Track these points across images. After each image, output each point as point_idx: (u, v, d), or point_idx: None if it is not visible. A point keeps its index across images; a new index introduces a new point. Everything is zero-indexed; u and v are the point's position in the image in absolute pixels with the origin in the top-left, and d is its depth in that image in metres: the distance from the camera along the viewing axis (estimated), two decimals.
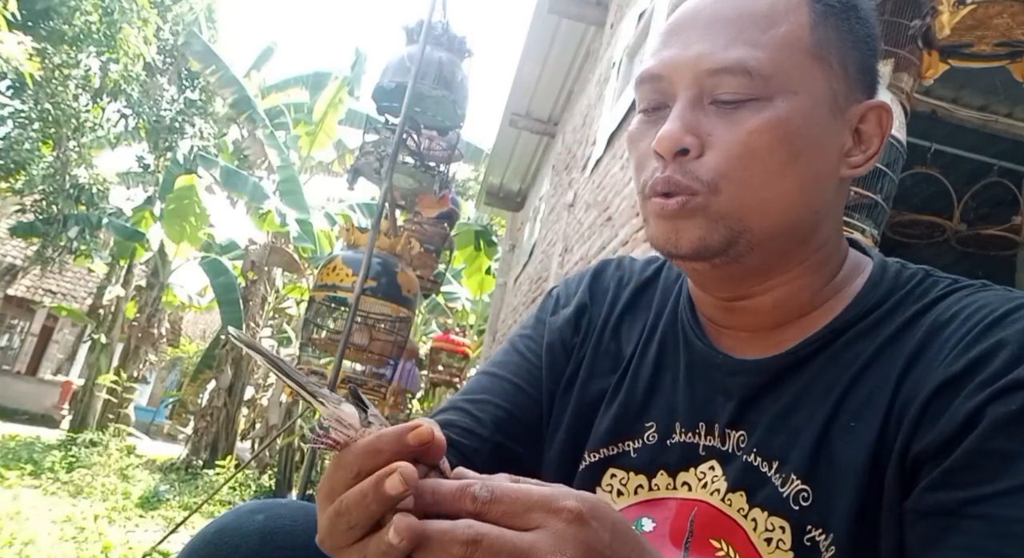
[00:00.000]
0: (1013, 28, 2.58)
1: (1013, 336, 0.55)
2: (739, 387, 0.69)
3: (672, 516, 0.68)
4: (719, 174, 0.62)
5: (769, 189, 0.63)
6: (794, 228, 0.66)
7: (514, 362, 0.83)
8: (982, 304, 0.60)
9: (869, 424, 0.60)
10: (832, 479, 0.60)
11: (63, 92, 9.30)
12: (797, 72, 0.63)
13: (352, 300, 3.39)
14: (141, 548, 4.63)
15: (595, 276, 0.88)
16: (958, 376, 0.55)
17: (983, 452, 0.51)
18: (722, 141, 0.63)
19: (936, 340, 0.60)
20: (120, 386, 11.32)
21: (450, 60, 3.77)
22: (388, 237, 3.84)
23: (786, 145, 0.63)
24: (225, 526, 0.66)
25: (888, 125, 0.68)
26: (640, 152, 0.69)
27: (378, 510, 0.44)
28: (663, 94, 0.67)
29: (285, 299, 11.97)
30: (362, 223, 9.56)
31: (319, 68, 12.54)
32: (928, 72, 2.81)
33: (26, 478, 6.65)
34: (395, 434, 0.46)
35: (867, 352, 0.64)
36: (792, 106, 0.63)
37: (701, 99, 0.64)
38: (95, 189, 10.65)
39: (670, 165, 0.64)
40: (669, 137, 0.63)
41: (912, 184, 3.81)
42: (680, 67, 0.65)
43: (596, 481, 0.74)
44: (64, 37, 9.10)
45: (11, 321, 16.46)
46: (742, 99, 0.63)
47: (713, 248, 0.63)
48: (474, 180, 14.69)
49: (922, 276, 0.68)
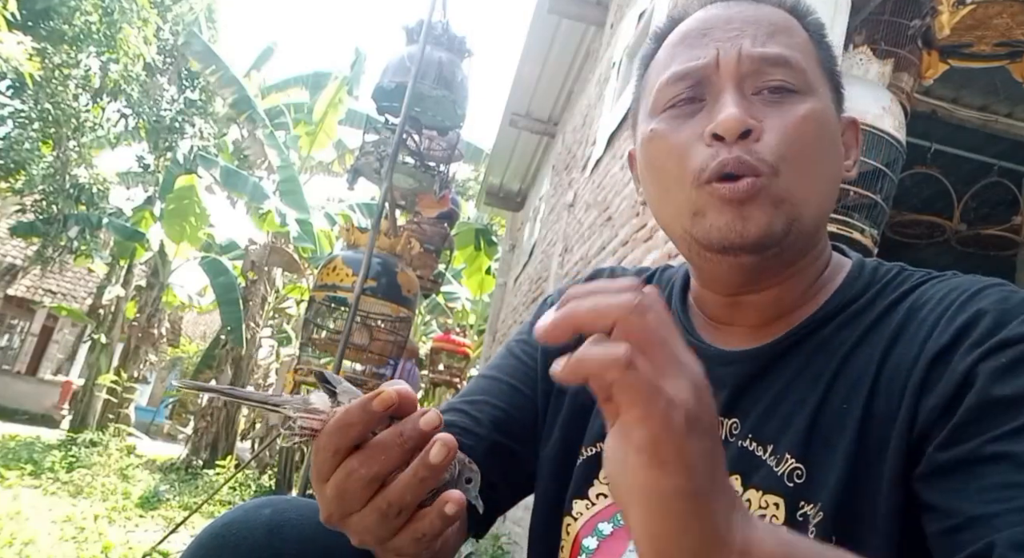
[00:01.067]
0: (1013, 28, 2.58)
1: (991, 305, 0.59)
2: (732, 376, 0.70)
3: None
4: (779, 156, 0.64)
5: (816, 178, 0.67)
6: (822, 221, 0.70)
7: (510, 365, 0.86)
8: (954, 286, 0.64)
9: (857, 404, 0.62)
10: (824, 456, 0.62)
11: (63, 92, 9.30)
12: (815, 77, 0.68)
13: (352, 300, 3.39)
14: (141, 548, 4.63)
15: (591, 276, 0.90)
16: (948, 345, 0.58)
17: (984, 404, 0.53)
18: (776, 126, 0.65)
19: (914, 321, 0.63)
20: (120, 386, 11.32)
21: (450, 60, 3.77)
22: (388, 237, 3.84)
23: (825, 138, 0.67)
24: (233, 520, 0.67)
25: (860, 137, 0.75)
26: (681, 142, 0.68)
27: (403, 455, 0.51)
28: (699, 83, 0.68)
29: (285, 299, 11.97)
30: (362, 223, 9.56)
31: (319, 68, 12.54)
32: (928, 72, 2.81)
33: (26, 478, 6.65)
34: (360, 405, 0.49)
35: (851, 338, 0.66)
36: (822, 103, 0.67)
37: (744, 89, 0.66)
38: (95, 189, 10.65)
39: (733, 147, 0.64)
40: (736, 118, 0.64)
41: (912, 184, 3.81)
42: (726, 50, 0.67)
43: (592, 475, 0.74)
44: (64, 37, 9.10)
45: (11, 321, 16.46)
46: (786, 87, 0.66)
47: (775, 236, 0.64)
48: (474, 180, 14.69)
49: (897, 271, 0.71)
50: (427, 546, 0.52)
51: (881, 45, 2.68)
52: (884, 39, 2.69)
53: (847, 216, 2.61)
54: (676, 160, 0.68)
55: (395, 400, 0.50)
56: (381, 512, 0.50)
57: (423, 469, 0.50)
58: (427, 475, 0.50)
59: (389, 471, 0.50)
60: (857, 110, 2.52)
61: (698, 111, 0.68)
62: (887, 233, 3.77)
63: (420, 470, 0.50)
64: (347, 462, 0.50)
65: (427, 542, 0.52)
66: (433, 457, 0.50)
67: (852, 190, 2.60)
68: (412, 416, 0.51)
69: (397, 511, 0.50)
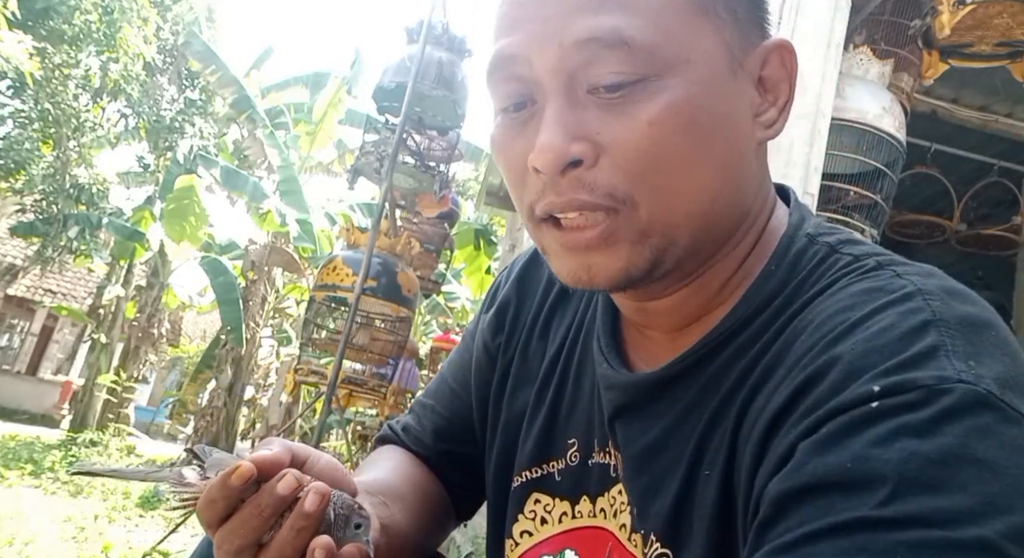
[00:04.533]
0: (1013, 28, 2.58)
1: (851, 348, 0.44)
2: (612, 405, 0.60)
3: (592, 550, 0.62)
4: (630, 182, 0.50)
5: (688, 186, 0.51)
6: (719, 221, 0.55)
7: (455, 363, 0.81)
8: (839, 308, 0.48)
9: (716, 472, 0.51)
10: (691, 542, 0.52)
11: (63, 92, 9.29)
12: (684, 34, 0.50)
13: (352, 300, 3.39)
14: (141, 548, 4.63)
15: (530, 263, 0.76)
16: (784, 408, 0.46)
17: (788, 495, 0.40)
18: (617, 141, 0.50)
19: (784, 359, 0.49)
20: (120, 386, 11.32)
21: (450, 60, 3.77)
22: (388, 237, 3.84)
23: (694, 128, 0.51)
24: None
25: (793, 64, 0.56)
26: (513, 165, 0.54)
27: None
28: (524, 84, 0.53)
29: (285, 299, 11.97)
30: (362, 223, 9.56)
31: (319, 68, 12.53)
32: (928, 72, 2.81)
33: (26, 478, 6.65)
34: (219, 482, 0.50)
35: (733, 377, 0.53)
36: (689, 79, 0.50)
37: (575, 90, 0.51)
38: (95, 189, 10.64)
39: (561, 182, 0.51)
40: (551, 150, 0.50)
41: (912, 184, 3.81)
42: (539, 43, 0.51)
43: (519, 508, 0.68)
44: (64, 36, 9.09)
45: (11, 321, 16.46)
46: (627, 80, 0.49)
47: (636, 276, 0.52)
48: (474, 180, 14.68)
49: (824, 255, 0.55)
50: None
51: (881, 45, 2.69)
52: (884, 39, 2.70)
53: (847, 216, 2.61)
54: (513, 186, 0.55)
55: (252, 473, 0.50)
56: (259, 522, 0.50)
57: (299, 519, 0.50)
58: (304, 524, 0.50)
59: (255, 540, 0.51)
60: (857, 110, 2.52)
61: (530, 119, 0.53)
62: (887, 233, 3.77)
63: (296, 521, 0.50)
64: (217, 536, 0.51)
65: None
66: (308, 506, 0.50)
67: (852, 190, 2.60)
68: (269, 484, 0.51)
69: None
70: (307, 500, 0.50)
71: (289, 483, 0.50)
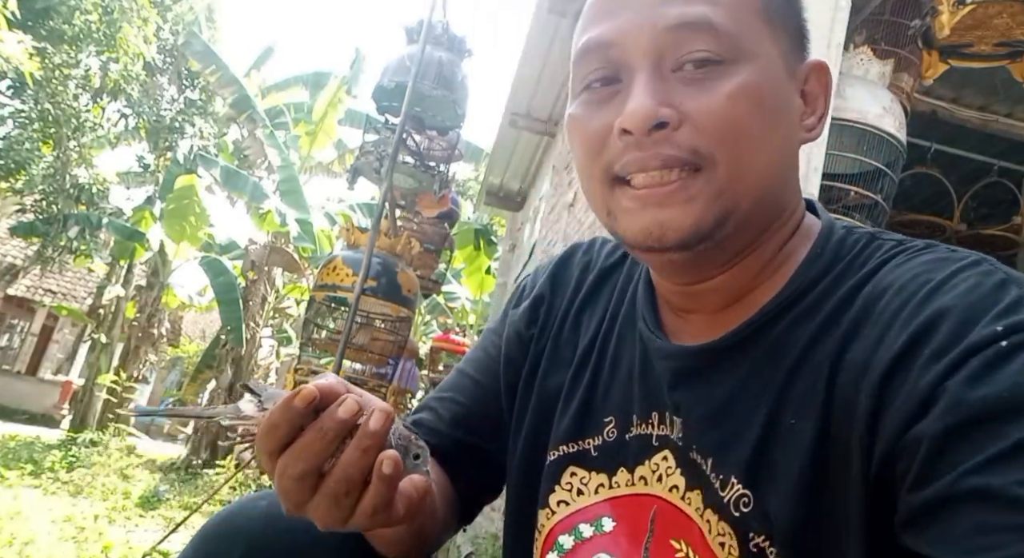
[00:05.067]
0: (1013, 28, 2.58)
1: (953, 301, 0.50)
2: (671, 372, 0.65)
3: (632, 515, 0.66)
4: (712, 143, 0.57)
5: (758, 160, 0.58)
6: (771, 202, 0.62)
7: (477, 358, 0.84)
8: (917, 272, 0.54)
9: (808, 421, 0.55)
10: (774, 485, 0.55)
11: (63, 92, 9.30)
12: (754, 34, 0.59)
13: (352, 300, 3.39)
14: (141, 548, 4.63)
15: (561, 263, 0.84)
16: (903, 354, 0.49)
17: (953, 429, 0.44)
18: (699, 110, 0.57)
19: (870, 316, 0.54)
20: (120, 386, 11.32)
21: (450, 60, 3.77)
22: (388, 237, 3.83)
23: (762, 110, 0.58)
24: (231, 512, 0.70)
25: (829, 82, 0.65)
26: (593, 133, 0.61)
27: None
28: (613, 65, 0.60)
29: (285, 299, 11.97)
30: (362, 223, 9.56)
31: (319, 68, 12.54)
32: (928, 72, 2.81)
33: (26, 478, 6.65)
34: (282, 405, 0.51)
35: (804, 338, 0.58)
36: (758, 68, 0.58)
37: (662, 67, 0.58)
38: (95, 189, 10.65)
39: (646, 141, 0.57)
40: (642, 110, 0.56)
41: (912, 184, 3.81)
42: (636, 29, 0.58)
43: (555, 480, 0.72)
44: (64, 36, 9.09)
45: (11, 321, 16.46)
46: (711, 59, 0.57)
47: (703, 233, 0.58)
48: (474, 180, 14.68)
49: (866, 241, 0.63)
50: (385, 518, 0.53)
51: (881, 45, 2.68)
52: (884, 39, 2.69)
53: (847, 216, 2.61)
54: (589, 154, 0.61)
55: (315, 395, 0.51)
56: (331, 496, 0.51)
57: (365, 438, 0.51)
58: (370, 443, 0.51)
59: (319, 465, 0.51)
60: (857, 110, 2.52)
61: (614, 95, 0.60)
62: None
63: (362, 441, 0.51)
64: (280, 462, 0.52)
65: (382, 514, 0.52)
66: (374, 425, 0.51)
67: (853, 190, 2.60)
68: (330, 408, 0.52)
69: (346, 491, 0.51)
70: (372, 419, 0.52)
71: (350, 406, 0.52)
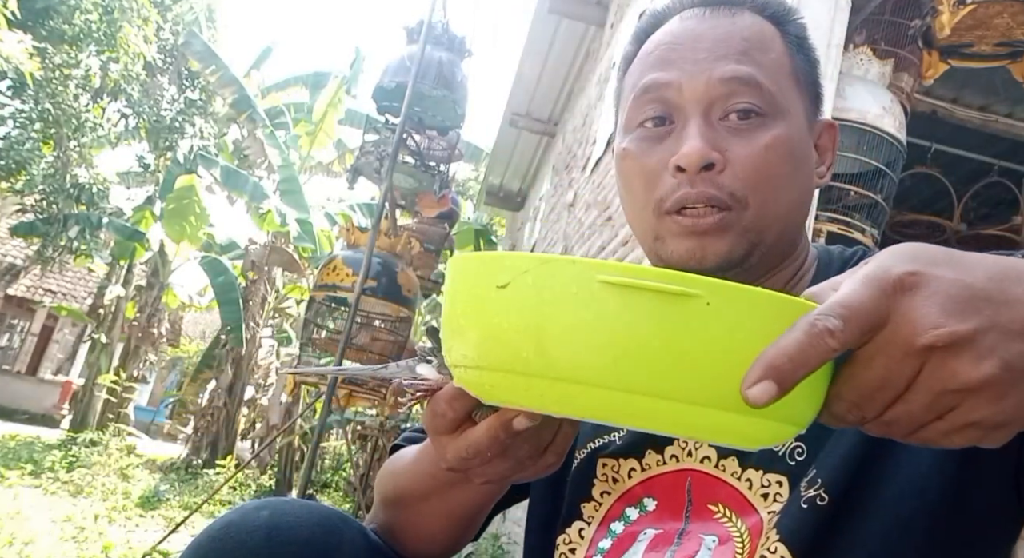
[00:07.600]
0: (1013, 28, 2.58)
1: None
2: None
3: (670, 492, 0.71)
4: (747, 188, 0.66)
5: (782, 202, 0.68)
6: (791, 237, 0.72)
7: None
8: None
9: None
10: (824, 434, 0.63)
11: (63, 92, 9.30)
12: (787, 93, 0.69)
13: (352, 300, 3.39)
14: (141, 548, 4.63)
15: None
16: None
17: None
18: (741, 157, 0.66)
19: None
20: (120, 386, 11.32)
21: (450, 60, 3.77)
22: (388, 237, 3.84)
23: (792, 160, 0.68)
24: (231, 522, 0.68)
25: (836, 139, 0.77)
26: (648, 169, 0.69)
27: None
28: (668, 106, 0.69)
29: (285, 299, 11.96)
30: (362, 223, 9.56)
31: (319, 68, 12.54)
32: (928, 72, 2.81)
33: (26, 478, 6.64)
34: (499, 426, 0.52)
35: None
36: (790, 125, 0.68)
37: (711, 115, 0.67)
38: (95, 189, 10.64)
39: (696, 179, 0.66)
40: (698, 152, 0.65)
41: (912, 184, 3.81)
42: (693, 78, 0.67)
43: (591, 474, 0.76)
44: (64, 36, 9.10)
45: (11, 321, 16.46)
46: (755, 111, 0.67)
47: (735, 261, 0.67)
48: (474, 180, 14.68)
49: (862, 253, 0.75)
50: None
51: (881, 45, 2.68)
52: (884, 39, 2.69)
53: (847, 216, 2.61)
54: (642, 185, 0.70)
55: None
56: (517, 458, 0.54)
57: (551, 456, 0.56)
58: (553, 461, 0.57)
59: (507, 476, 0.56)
60: (857, 110, 2.52)
61: (667, 135, 0.69)
62: (887, 233, 3.76)
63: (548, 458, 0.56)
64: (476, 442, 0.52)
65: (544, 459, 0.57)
66: None
67: (853, 190, 2.60)
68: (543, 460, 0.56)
69: (530, 454, 0.55)
70: None
71: None
